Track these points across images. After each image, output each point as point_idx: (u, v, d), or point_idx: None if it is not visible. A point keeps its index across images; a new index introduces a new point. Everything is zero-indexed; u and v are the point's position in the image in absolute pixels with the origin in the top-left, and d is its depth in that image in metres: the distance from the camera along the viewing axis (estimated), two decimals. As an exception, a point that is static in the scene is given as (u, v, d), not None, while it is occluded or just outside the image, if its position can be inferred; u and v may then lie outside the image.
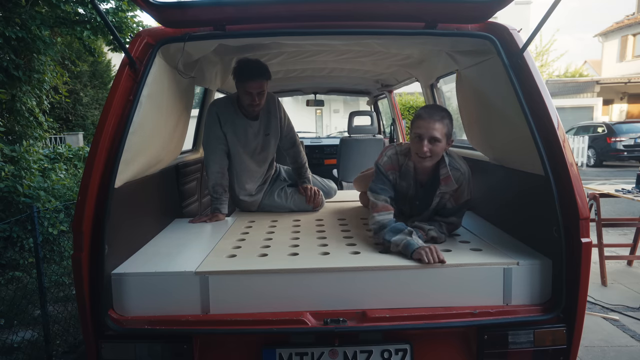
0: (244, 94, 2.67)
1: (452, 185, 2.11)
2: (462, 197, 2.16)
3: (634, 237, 4.56)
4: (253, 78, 2.60)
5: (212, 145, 2.78)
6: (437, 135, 1.98)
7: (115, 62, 16.04)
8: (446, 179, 2.11)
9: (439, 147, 2.01)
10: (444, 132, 2.00)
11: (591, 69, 27.26)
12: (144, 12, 1.91)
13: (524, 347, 1.77)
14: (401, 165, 2.18)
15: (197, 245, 2.15)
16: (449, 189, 2.12)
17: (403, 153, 2.18)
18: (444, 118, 2.02)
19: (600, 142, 14.60)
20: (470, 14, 1.96)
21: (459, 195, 2.15)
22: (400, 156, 2.18)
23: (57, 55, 6.45)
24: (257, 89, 2.63)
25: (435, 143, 2.00)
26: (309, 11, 1.92)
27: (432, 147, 2.00)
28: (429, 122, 1.99)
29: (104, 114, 1.82)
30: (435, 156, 2.05)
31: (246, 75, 2.60)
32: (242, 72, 2.61)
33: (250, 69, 2.60)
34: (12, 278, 4.21)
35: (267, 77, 2.65)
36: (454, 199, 2.16)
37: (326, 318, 1.71)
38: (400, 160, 2.18)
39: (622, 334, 3.20)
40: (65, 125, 14.93)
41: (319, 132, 18.77)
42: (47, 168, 6.05)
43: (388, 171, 2.17)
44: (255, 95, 2.64)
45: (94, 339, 1.75)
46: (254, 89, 2.62)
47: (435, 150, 2.02)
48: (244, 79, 2.61)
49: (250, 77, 2.60)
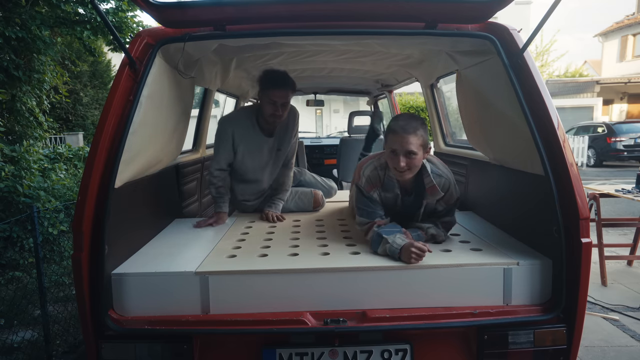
0: (267, 103, 2.62)
1: (438, 194, 2.08)
2: (452, 198, 2.15)
3: (634, 237, 4.56)
4: (278, 87, 2.58)
5: (220, 155, 2.75)
6: (412, 149, 1.93)
7: (115, 62, 16.04)
8: (432, 189, 2.08)
9: (416, 160, 1.97)
10: (419, 144, 1.95)
11: (591, 69, 27.25)
12: (144, 12, 1.91)
13: (524, 347, 1.77)
14: (382, 179, 2.13)
15: (197, 246, 2.15)
16: (435, 197, 2.10)
17: (382, 167, 2.13)
18: (417, 129, 1.95)
19: (600, 142, 14.59)
20: (470, 14, 1.96)
21: (448, 198, 2.14)
22: (380, 171, 2.13)
23: (57, 55, 6.45)
24: (282, 98, 2.60)
25: (411, 156, 1.95)
26: (309, 11, 1.91)
27: (409, 160, 1.96)
28: (403, 137, 1.93)
29: (104, 114, 1.82)
30: (414, 168, 2.01)
31: (272, 83, 2.58)
32: (267, 80, 2.59)
33: (276, 78, 2.58)
34: (12, 278, 4.21)
35: (293, 87, 2.64)
36: (444, 202, 2.14)
37: (326, 318, 1.71)
38: (381, 175, 2.13)
39: (622, 334, 3.20)
40: (65, 125, 14.93)
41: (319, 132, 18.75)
42: (47, 168, 6.05)
43: (370, 191, 2.13)
44: (279, 106, 2.61)
45: (94, 339, 1.75)
46: (279, 99, 2.59)
47: (413, 163, 1.97)
48: (269, 87, 2.58)
49: (275, 85, 2.58)
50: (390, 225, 2.05)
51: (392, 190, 2.15)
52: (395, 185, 2.13)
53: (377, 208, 2.13)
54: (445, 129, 3.61)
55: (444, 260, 1.86)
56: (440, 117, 3.59)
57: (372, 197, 2.13)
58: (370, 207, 2.12)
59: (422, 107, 16.38)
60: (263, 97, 2.66)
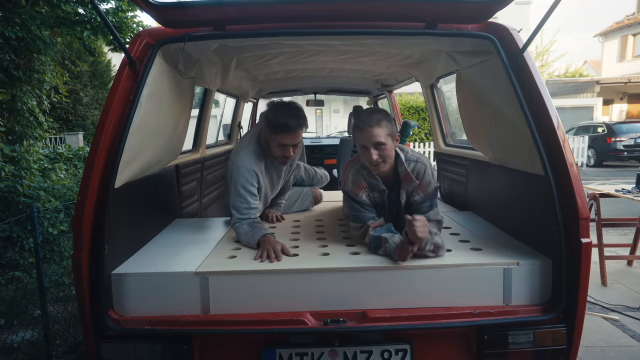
0: (276, 145, 2.32)
1: (412, 182, 2.11)
2: (430, 186, 2.13)
3: (634, 237, 4.56)
4: (290, 130, 2.25)
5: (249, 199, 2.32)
6: (379, 140, 1.98)
7: (115, 62, 16.04)
8: (406, 177, 2.11)
9: (386, 150, 2.02)
10: (385, 133, 1.99)
11: (591, 69, 27.25)
12: (144, 12, 1.91)
13: (524, 347, 1.77)
14: (367, 179, 2.16)
15: (197, 246, 2.15)
16: (410, 186, 2.12)
17: (364, 166, 2.15)
18: (380, 121, 2.00)
19: (600, 142, 14.59)
20: (470, 14, 1.96)
21: (424, 186, 2.13)
22: (363, 170, 2.16)
23: (57, 55, 6.45)
24: (293, 140, 2.30)
25: (381, 147, 2.00)
26: (309, 11, 1.92)
27: (380, 152, 2.00)
28: (368, 131, 1.98)
29: (104, 114, 1.82)
30: (387, 158, 2.05)
31: (282, 127, 2.25)
32: (277, 123, 2.24)
33: (286, 120, 2.24)
34: (12, 278, 4.21)
35: (305, 124, 2.31)
36: (421, 190, 2.13)
37: (326, 318, 1.72)
38: (365, 174, 2.16)
39: (622, 334, 3.20)
40: (65, 125, 14.93)
41: (319, 132, 18.75)
42: (47, 168, 6.05)
43: (358, 194, 2.16)
44: (290, 147, 2.33)
45: (94, 339, 1.75)
46: (290, 141, 2.30)
47: (384, 153, 2.02)
48: (279, 131, 2.26)
49: (286, 129, 2.25)
50: (386, 226, 2.05)
51: (377, 188, 2.16)
52: (379, 182, 2.15)
53: (368, 210, 2.14)
54: (445, 129, 3.61)
55: (444, 260, 1.86)
56: (440, 117, 3.59)
57: (361, 200, 2.15)
58: (361, 210, 2.13)
59: (422, 107, 16.38)
60: (271, 139, 2.32)
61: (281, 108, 2.29)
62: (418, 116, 16.70)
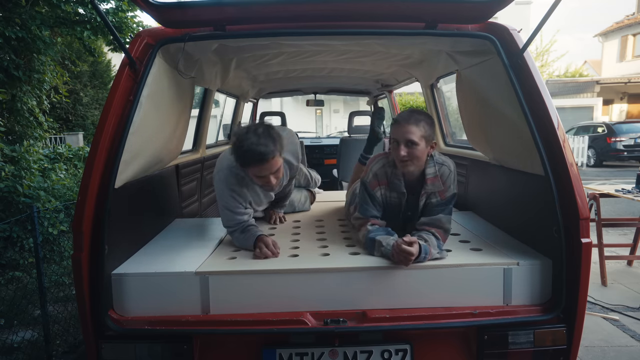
0: (253, 176, 2.10)
1: (438, 185, 2.06)
2: (449, 191, 2.09)
3: (634, 237, 4.56)
4: (257, 164, 1.98)
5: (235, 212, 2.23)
6: (412, 138, 1.93)
7: (115, 62, 16.04)
8: (433, 179, 2.06)
9: (417, 151, 1.96)
10: (420, 134, 1.95)
11: (591, 69, 27.24)
12: (144, 12, 1.91)
13: (524, 347, 1.77)
14: (389, 177, 2.12)
15: (197, 246, 2.14)
16: (435, 189, 2.08)
17: (390, 164, 2.12)
18: (419, 121, 1.96)
19: (600, 142, 14.59)
20: (470, 14, 1.96)
21: (444, 190, 2.08)
22: (388, 168, 2.12)
23: (57, 55, 6.46)
24: (267, 170, 2.02)
25: (412, 146, 1.95)
26: (308, 11, 1.92)
27: (410, 150, 1.95)
28: (404, 127, 1.95)
29: (104, 114, 1.82)
30: (417, 160, 1.99)
31: (249, 162, 1.99)
32: (243, 159, 2.00)
33: (252, 154, 1.95)
34: (12, 278, 4.21)
35: (275, 152, 1.99)
36: (440, 194, 2.09)
37: (326, 318, 1.72)
38: (388, 172, 2.12)
39: (622, 334, 3.20)
40: (65, 125, 14.92)
41: (319, 132, 18.77)
42: (47, 168, 6.05)
43: (375, 189, 2.13)
44: (269, 176, 2.06)
45: (94, 339, 1.75)
46: (265, 172, 2.03)
47: (414, 153, 1.96)
48: (247, 165, 2.03)
49: (253, 162, 1.99)
50: (384, 229, 2.04)
51: (397, 189, 2.12)
52: (402, 184, 2.11)
53: (374, 207, 2.12)
54: (445, 129, 3.61)
55: (444, 260, 1.86)
56: (440, 117, 3.59)
57: (374, 195, 2.13)
58: (370, 204, 2.12)
59: (422, 107, 16.37)
60: (245, 171, 2.12)
61: (245, 138, 1.95)
62: (418, 116, 16.69)
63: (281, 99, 18.87)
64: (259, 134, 1.97)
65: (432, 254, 1.83)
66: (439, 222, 2.02)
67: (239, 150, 1.98)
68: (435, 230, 1.99)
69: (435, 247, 1.88)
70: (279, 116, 5.68)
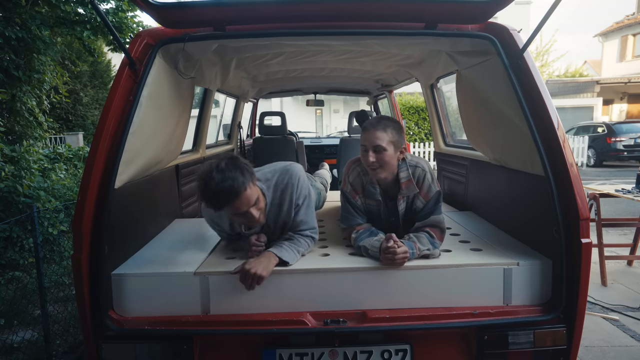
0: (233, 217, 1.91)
1: (413, 188, 2.06)
2: (431, 191, 2.07)
3: (634, 237, 4.56)
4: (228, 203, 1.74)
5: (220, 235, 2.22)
6: (380, 143, 1.93)
7: (115, 62, 16.04)
8: (407, 183, 2.06)
9: (386, 156, 1.95)
10: (388, 139, 1.95)
11: (591, 69, 27.24)
12: (144, 12, 1.91)
13: (524, 347, 1.77)
14: (364, 185, 2.12)
15: (197, 246, 2.14)
16: (410, 192, 2.07)
17: (364, 172, 2.11)
18: (387, 127, 1.96)
19: (600, 142, 14.59)
20: (470, 14, 1.96)
21: (425, 191, 2.07)
22: (363, 176, 2.13)
23: (57, 55, 6.46)
24: (240, 208, 1.77)
25: (380, 152, 1.94)
26: (308, 11, 1.92)
27: (379, 155, 1.95)
28: (371, 133, 1.96)
29: (104, 114, 1.82)
30: (387, 165, 1.98)
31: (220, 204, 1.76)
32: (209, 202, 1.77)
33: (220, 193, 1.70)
34: (12, 278, 4.21)
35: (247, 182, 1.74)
36: (422, 196, 2.08)
37: (326, 318, 1.72)
38: (364, 181, 2.13)
39: (622, 334, 3.20)
40: (65, 125, 14.93)
41: (319, 132, 18.76)
42: (47, 168, 6.04)
43: (355, 198, 2.13)
44: (246, 212, 1.80)
45: (94, 339, 1.75)
46: (237, 210, 1.78)
47: (383, 159, 1.95)
48: (217, 208, 1.80)
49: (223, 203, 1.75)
50: (368, 230, 2.03)
51: (373, 197, 2.12)
52: (377, 191, 2.10)
53: (358, 215, 2.12)
54: (445, 129, 3.61)
55: (444, 260, 1.86)
56: (440, 117, 3.59)
57: (355, 204, 2.14)
58: (352, 213, 2.12)
59: (422, 107, 16.37)
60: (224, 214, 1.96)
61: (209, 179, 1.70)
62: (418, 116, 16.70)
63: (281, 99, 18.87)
64: (222, 169, 1.71)
65: (419, 249, 1.84)
66: (432, 222, 2.02)
67: (206, 194, 1.74)
68: (429, 229, 1.99)
69: (426, 244, 1.88)
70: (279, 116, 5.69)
